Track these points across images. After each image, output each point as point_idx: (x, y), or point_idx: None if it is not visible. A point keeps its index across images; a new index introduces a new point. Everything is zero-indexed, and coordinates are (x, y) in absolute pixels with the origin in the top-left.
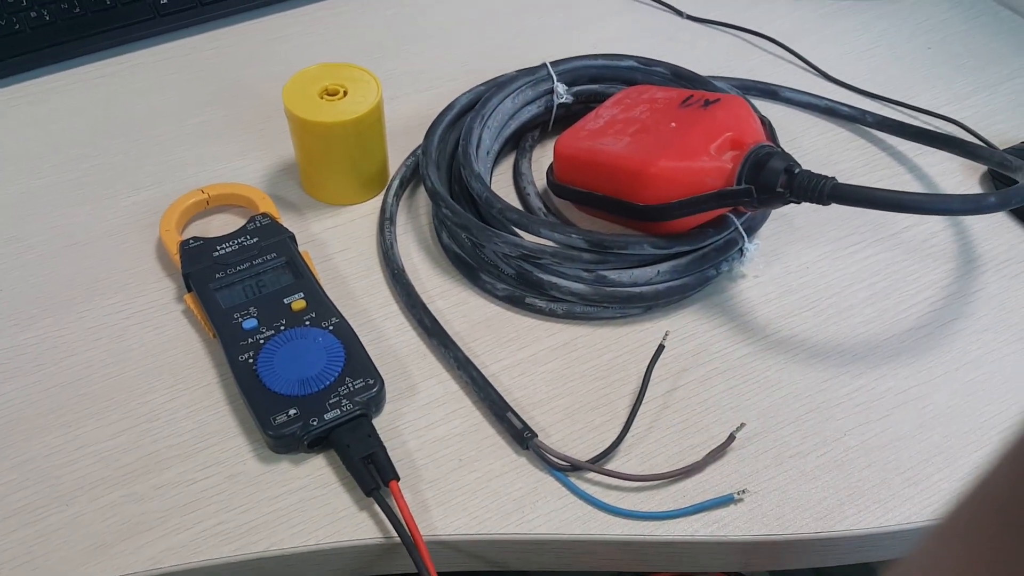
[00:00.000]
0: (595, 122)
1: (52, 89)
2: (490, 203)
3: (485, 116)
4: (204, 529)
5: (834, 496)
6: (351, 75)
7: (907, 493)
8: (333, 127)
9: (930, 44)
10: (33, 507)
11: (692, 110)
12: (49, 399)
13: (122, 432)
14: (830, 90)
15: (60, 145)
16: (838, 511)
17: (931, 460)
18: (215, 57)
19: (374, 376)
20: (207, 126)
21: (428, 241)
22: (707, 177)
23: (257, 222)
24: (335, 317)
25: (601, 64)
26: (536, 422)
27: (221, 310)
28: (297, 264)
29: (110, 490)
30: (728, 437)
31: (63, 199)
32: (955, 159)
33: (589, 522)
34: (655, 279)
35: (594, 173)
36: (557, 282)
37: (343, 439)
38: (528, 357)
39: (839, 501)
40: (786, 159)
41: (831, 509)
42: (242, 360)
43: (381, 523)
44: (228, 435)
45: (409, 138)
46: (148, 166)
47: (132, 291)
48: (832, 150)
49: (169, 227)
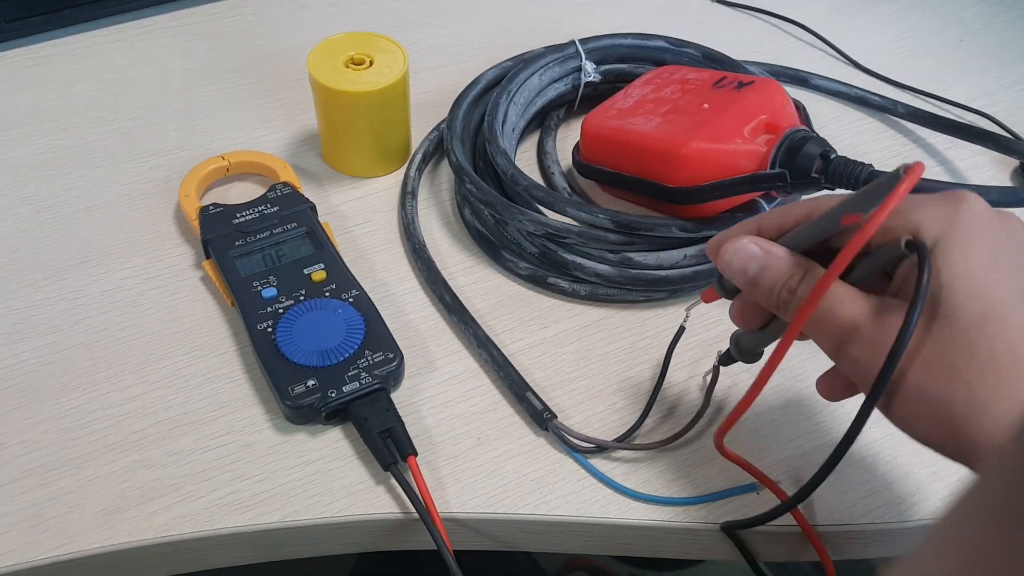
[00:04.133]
0: (624, 101)
1: (72, 51)
2: (515, 180)
3: (512, 92)
4: (218, 497)
5: (858, 488)
6: (377, 45)
7: (933, 488)
8: (357, 97)
9: (962, 37)
10: (45, 469)
11: (725, 92)
12: (63, 361)
13: (136, 397)
14: (860, 79)
15: (79, 107)
16: (862, 503)
17: None
18: (238, 24)
19: (394, 350)
20: (228, 93)
21: (450, 217)
22: (740, 160)
23: (278, 191)
24: (355, 289)
25: (631, 43)
26: (555, 403)
27: (240, 278)
28: (317, 235)
29: (123, 455)
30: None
31: (82, 161)
32: (986, 153)
33: (608, 505)
34: (681, 263)
35: (622, 153)
36: (581, 262)
37: (361, 412)
38: (549, 337)
39: (863, 493)
40: (822, 144)
41: (855, 501)
42: (261, 329)
43: (398, 498)
44: (244, 404)
45: (432, 112)
46: (168, 131)
47: (149, 256)
48: (862, 140)
49: (189, 192)
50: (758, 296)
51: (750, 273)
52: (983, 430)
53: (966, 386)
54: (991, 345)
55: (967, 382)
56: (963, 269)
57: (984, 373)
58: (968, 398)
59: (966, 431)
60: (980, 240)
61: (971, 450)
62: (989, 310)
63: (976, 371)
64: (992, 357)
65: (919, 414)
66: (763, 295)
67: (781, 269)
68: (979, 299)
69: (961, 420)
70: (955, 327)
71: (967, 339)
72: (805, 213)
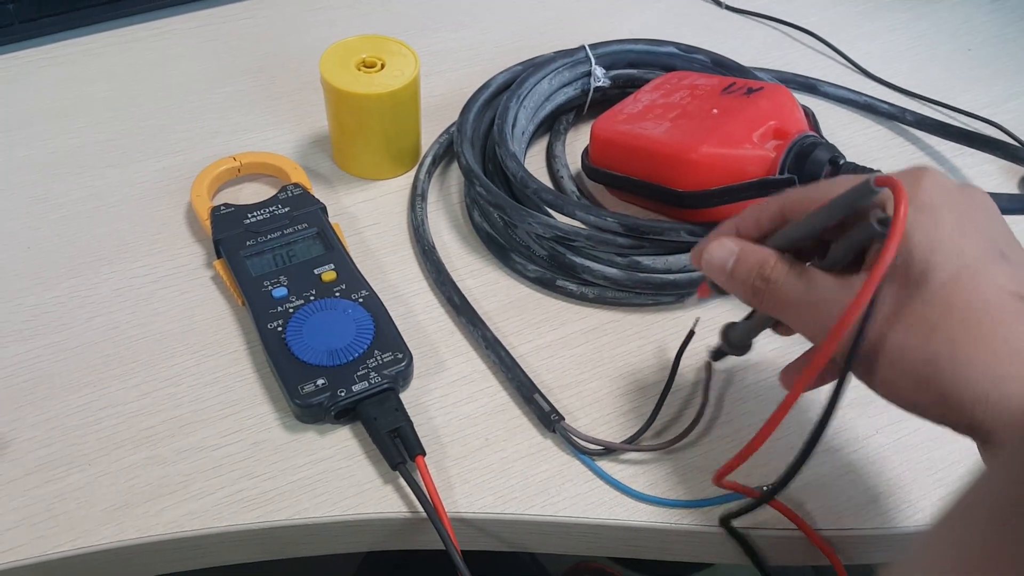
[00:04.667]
0: (634, 106)
1: (85, 51)
2: (525, 183)
3: (522, 96)
4: (227, 495)
5: (864, 494)
6: (389, 48)
7: (938, 494)
8: (369, 99)
9: (970, 46)
10: (55, 464)
11: (734, 97)
12: (74, 358)
13: (146, 395)
14: (869, 87)
15: (92, 107)
16: (868, 508)
17: (963, 462)
18: (250, 26)
19: (403, 350)
20: (240, 95)
21: (459, 219)
22: (749, 165)
23: (289, 192)
24: (365, 290)
25: (641, 49)
26: (563, 405)
27: (251, 277)
28: (328, 235)
29: (133, 451)
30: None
31: (93, 160)
32: (994, 161)
33: (615, 507)
34: (689, 267)
35: (632, 157)
36: (590, 265)
37: (370, 412)
38: (557, 340)
39: (869, 499)
40: (831, 150)
41: (861, 506)
42: (271, 328)
43: (406, 497)
44: (254, 402)
45: (442, 116)
46: (179, 132)
47: (160, 255)
48: (871, 147)
49: (200, 192)
50: (736, 290)
51: (728, 269)
52: (968, 385)
53: (947, 341)
54: (967, 298)
55: (948, 338)
56: (933, 233)
57: (964, 326)
58: (950, 352)
59: (951, 388)
60: (946, 207)
61: (959, 409)
62: (962, 266)
63: (955, 327)
64: (969, 310)
65: (904, 379)
66: (740, 287)
67: (753, 260)
68: (950, 257)
69: (946, 378)
70: (930, 286)
71: (943, 295)
72: (779, 209)
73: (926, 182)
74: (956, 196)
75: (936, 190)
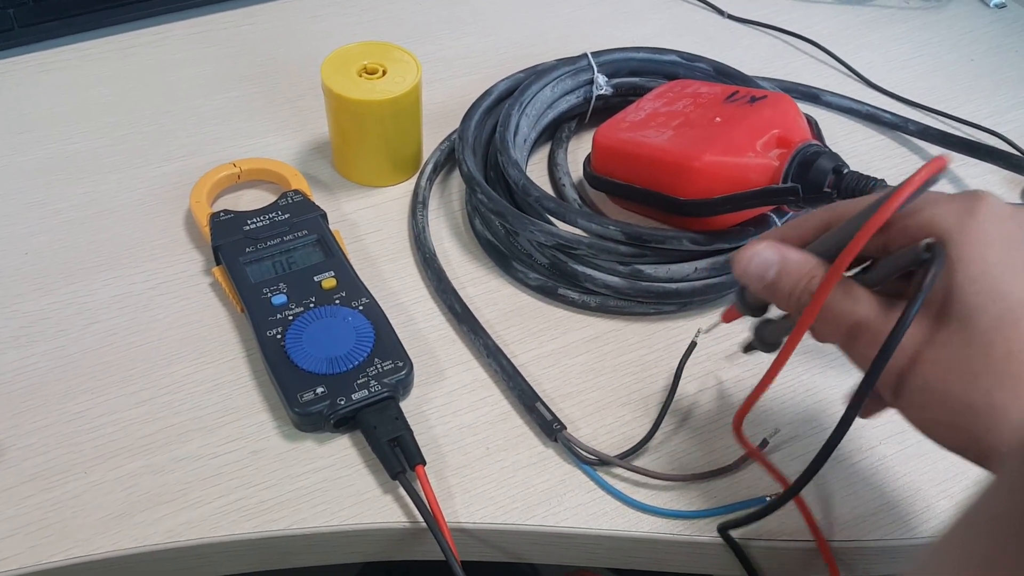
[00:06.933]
0: (636, 114)
1: (86, 56)
2: (527, 190)
3: (524, 103)
4: (225, 504)
5: (867, 505)
6: (391, 55)
7: (941, 505)
8: (370, 106)
9: (973, 56)
10: (52, 473)
11: (738, 106)
12: (71, 365)
13: (144, 402)
14: (871, 96)
15: (92, 112)
16: (871, 520)
17: (966, 473)
18: (251, 33)
19: (403, 359)
20: (240, 101)
21: (460, 227)
22: (752, 174)
23: (289, 198)
24: (365, 298)
25: (643, 57)
26: (565, 414)
27: (250, 284)
28: (328, 242)
29: (130, 460)
30: (761, 442)
31: (93, 166)
32: (996, 171)
33: (617, 518)
34: (692, 276)
35: (634, 165)
36: (592, 274)
37: (370, 420)
38: (559, 348)
39: (872, 510)
40: (834, 159)
41: (863, 518)
42: (270, 335)
43: (406, 507)
44: (252, 411)
45: (443, 123)
46: (180, 137)
47: (159, 261)
48: (873, 156)
49: (200, 198)
50: (777, 300)
51: (768, 278)
52: (1002, 437)
53: (985, 392)
54: (1008, 347)
55: (985, 388)
56: (979, 269)
57: (1003, 377)
58: (987, 403)
59: (985, 437)
60: (996, 239)
61: (991, 457)
62: (1006, 310)
63: (994, 375)
64: (1010, 360)
65: (938, 419)
66: (782, 299)
67: (798, 272)
68: (995, 300)
69: (981, 426)
70: (972, 330)
71: (984, 342)
72: (823, 221)
73: (981, 213)
74: (1010, 228)
75: (991, 223)
